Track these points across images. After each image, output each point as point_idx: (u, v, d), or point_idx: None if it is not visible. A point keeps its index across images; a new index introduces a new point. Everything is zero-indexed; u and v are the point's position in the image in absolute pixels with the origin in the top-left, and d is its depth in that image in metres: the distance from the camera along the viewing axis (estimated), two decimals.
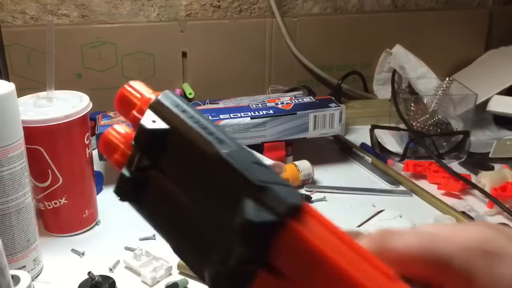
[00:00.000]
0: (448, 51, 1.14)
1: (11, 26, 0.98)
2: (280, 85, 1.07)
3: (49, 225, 0.68)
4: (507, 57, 1.06)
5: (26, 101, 0.65)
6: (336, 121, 0.84)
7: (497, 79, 0.99)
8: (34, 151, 0.62)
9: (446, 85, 0.93)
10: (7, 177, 0.54)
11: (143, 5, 1.03)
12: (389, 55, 1.05)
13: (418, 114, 0.94)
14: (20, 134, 0.56)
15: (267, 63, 1.09)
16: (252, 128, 0.80)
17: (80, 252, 0.65)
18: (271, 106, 0.84)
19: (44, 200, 0.66)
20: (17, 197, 0.56)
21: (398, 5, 1.15)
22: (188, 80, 1.07)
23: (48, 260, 0.64)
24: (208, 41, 1.05)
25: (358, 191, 0.79)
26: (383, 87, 1.11)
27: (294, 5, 1.09)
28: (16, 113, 0.55)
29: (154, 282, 0.59)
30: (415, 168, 0.82)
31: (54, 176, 0.64)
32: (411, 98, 0.96)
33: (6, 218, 0.56)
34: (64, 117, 0.62)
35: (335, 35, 1.10)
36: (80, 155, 0.66)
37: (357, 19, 1.11)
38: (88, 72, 1.02)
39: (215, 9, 1.07)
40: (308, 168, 0.80)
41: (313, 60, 1.09)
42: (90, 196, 0.69)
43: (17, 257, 0.58)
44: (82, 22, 1.02)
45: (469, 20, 1.14)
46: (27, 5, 0.99)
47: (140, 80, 0.30)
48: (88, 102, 0.66)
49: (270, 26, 1.06)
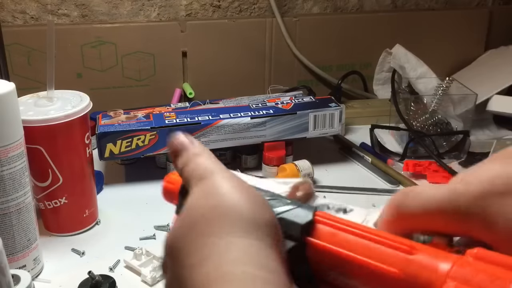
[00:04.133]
0: (448, 51, 1.14)
1: (11, 26, 0.99)
2: (280, 85, 1.07)
3: (49, 225, 0.68)
4: (507, 57, 1.06)
5: (26, 100, 0.65)
6: (336, 121, 0.84)
7: (497, 79, 0.99)
8: (34, 150, 0.62)
9: (446, 85, 0.93)
10: (7, 176, 0.54)
11: (143, 5, 1.03)
12: (389, 55, 1.05)
13: (418, 114, 0.94)
14: (20, 134, 0.56)
15: (267, 63, 1.09)
16: (252, 127, 0.80)
17: (80, 252, 0.65)
18: (271, 106, 0.84)
19: (44, 199, 0.66)
20: (17, 196, 0.56)
21: (398, 5, 1.15)
22: (188, 80, 1.07)
23: (48, 259, 0.64)
24: (208, 41, 1.05)
25: (358, 190, 0.79)
26: (383, 87, 1.11)
27: (294, 5, 1.10)
28: (16, 113, 0.55)
29: (154, 281, 0.59)
30: (415, 167, 0.82)
31: (54, 175, 0.64)
32: (411, 97, 0.96)
33: (7, 217, 0.56)
34: (64, 116, 0.62)
35: (335, 35, 1.10)
36: (80, 154, 0.66)
37: (357, 19, 1.11)
38: (88, 72, 1.02)
39: (215, 9, 1.07)
40: (308, 168, 0.80)
41: (313, 60, 1.09)
42: (90, 196, 0.69)
43: (17, 256, 0.58)
44: (82, 22, 1.02)
45: (469, 20, 1.14)
46: (27, 5, 0.99)
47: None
48: (88, 101, 0.66)
49: (270, 26, 1.07)
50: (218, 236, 0.26)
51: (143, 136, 0.78)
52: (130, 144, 0.78)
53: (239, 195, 0.28)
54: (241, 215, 0.27)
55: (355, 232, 0.27)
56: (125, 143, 0.77)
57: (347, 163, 0.88)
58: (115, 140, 0.77)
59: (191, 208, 0.29)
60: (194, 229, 0.27)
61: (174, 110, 0.85)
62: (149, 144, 0.78)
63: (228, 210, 0.27)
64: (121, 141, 0.77)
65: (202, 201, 0.29)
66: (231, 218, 0.27)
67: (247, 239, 0.26)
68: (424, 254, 0.25)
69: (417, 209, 0.27)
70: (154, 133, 0.78)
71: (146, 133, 0.78)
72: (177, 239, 0.28)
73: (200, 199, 0.29)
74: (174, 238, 0.29)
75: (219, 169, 0.31)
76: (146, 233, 0.69)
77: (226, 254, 0.26)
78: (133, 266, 0.61)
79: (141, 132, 0.78)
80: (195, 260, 0.26)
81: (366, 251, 0.26)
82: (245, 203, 0.28)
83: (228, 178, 0.30)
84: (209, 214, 0.28)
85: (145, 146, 0.78)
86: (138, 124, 0.79)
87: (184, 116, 0.81)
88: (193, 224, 0.28)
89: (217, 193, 0.29)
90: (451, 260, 0.24)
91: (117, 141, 0.77)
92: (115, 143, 0.77)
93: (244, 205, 0.28)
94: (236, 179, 0.30)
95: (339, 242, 0.27)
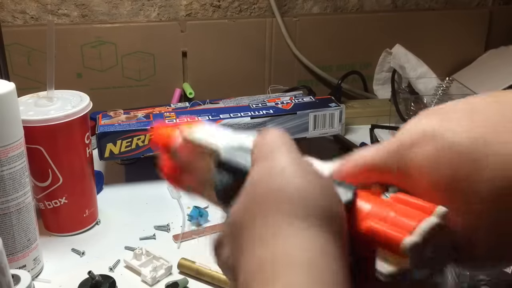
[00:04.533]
0: (448, 51, 1.14)
1: (11, 26, 0.99)
2: (280, 85, 1.07)
3: (49, 225, 0.68)
4: (507, 57, 1.06)
5: (26, 100, 0.66)
6: (336, 120, 0.84)
7: (497, 79, 0.99)
8: (34, 150, 0.62)
9: (446, 85, 0.93)
10: (7, 176, 0.54)
11: (143, 5, 1.03)
12: (389, 55, 1.05)
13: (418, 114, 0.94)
14: (20, 134, 0.56)
15: (267, 63, 1.09)
16: (252, 127, 0.80)
17: (80, 252, 0.65)
18: (271, 106, 0.84)
19: (44, 199, 0.66)
20: (17, 196, 0.56)
21: (398, 5, 1.15)
22: (188, 80, 1.07)
23: (48, 259, 0.64)
24: (208, 41, 1.05)
25: None
26: (383, 87, 1.11)
27: (294, 5, 1.09)
28: (16, 113, 0.55)
29: (154, 281, 0.59)
30: None
31: (54, 175, 0.64)
32: (411, 97, 0.96)
33: (7, 217, 0.56)
34: (64, 116, 0.62)
35: (335, 35, 1.10)
36: (80, 154, 0.66)
37: (357, 19, 1.11)
38: (88, 72, 1.02)
39: (215, 8, 1.07)
40: None
41: (313, 60, 1.09)
42: (90, 196, 0.69)
43: (17, 256, 0.58)
44: (82, 22, 1.02)
45: (469, 20, 1.14)
46: (27, 5, 0.99)
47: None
48: (88, 101, 0.66)
49: (270, 26, 1.07)
50: (286, 221, 0.26)
51: (143, 136, 0.78)
52: (130, 144, 0.78)
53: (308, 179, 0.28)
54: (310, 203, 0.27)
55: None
56: (125, 143, 0.77)
57: None
58: (115, 140, 0.77)
59: (258, 184, 0.29)
60: (261, 209, 0.27)
61: (174, 110, 0.85)
62: (149, 144, 0.78)
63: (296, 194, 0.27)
64: (121, 141, 0.77)
65: (270, 178, 0.28)
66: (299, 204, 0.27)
67: (314, 229, 0.26)
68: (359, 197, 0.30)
69: (352, 167, 0.32)
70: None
71: (146, 133, 0.78)
72: (242, 216, 0.28)
73: (268, 175, 0.29)
74: (240, 213, 0.28)
75: (289, 148, 0.31)
76: (146, 233, 0.69)
77: (293, 239, 0.25)
78: (133, 266, 0.61)
79: (141, 132, 0.78)
80: (260, 237, 0.26)
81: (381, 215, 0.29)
82: (315, 190, 0.27)
83: (298, 159, 0.30)
84: (275, 194, 0.27)
85: (145, 146, 0.78)
86: (138, 124, 0.79)
87: (184, 116, 0.81)
88: (260, 202, 0.27)
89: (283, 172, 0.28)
90: (373, 202, 0.29)
91: (117, 141, 0.77)
92: (115, 143, 0.77)
93: (313, 192, 0.27)
94: (306, 162, 0.30)
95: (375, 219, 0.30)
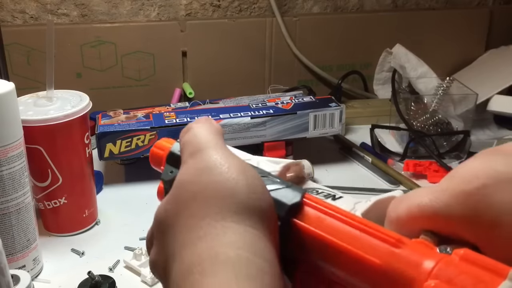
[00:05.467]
0: (448, 51, 1.14)
1: (11, 26, 0.98)
2: (280, 84, 1.07)
3: (49, 225, 0.68)
4: (507, 57, 1.06)
5: (25, 100, 0.65)
6: (336, 120, 0.83)
7: (497, 78, 0.99)
8: (34, 150, 0.62)
9: (446, 84, 0.92)
10: (6, 176, 0.54)
11: (143, 5, 1.03)
12: (389, 55, 1.05)
13: (418, 114, 0.94)
14: (19, 134, 0.56)
15: (267, 63, 1.09)
16: (252, 127, 0.80)
17: (80, 252, 0.65)
18: (271, 106, 0.84)
19: (44, 199, 0.66)
20: (17, 196, 0.56)
21: (398, 4, 1.15)
22: (188, 79, 1.07)
23: (48, 259, 0.64)
24: (208, 41, 1.05)
25: (358, 190, 0.79)
26: (383, 87, 1.11)
27: (294, 4, 1.09)
28: (16, 113, 0.55)
29: (154, 281, 0.59)
30: (416, 167, 0.82)
31: (54, 175, 0.64)
32: (411, 97, 0.96)
33: (6, 217, 0.56)
34: (64, 116, 0.62)
35: (335, 35, 1.10)
36: (80, 154, 0.65)
37: (357, 18, 1.11)
38: (88, 72, 1.02)
39: (215, 8, 1.07)
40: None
41: (313, 60, 1.09)
42: (90, 196, 0.69)
43: (17, 256, 0.58)
44: (82, 21, 1.02)
45: (469, 20, 1.14)
46: (27, 4, 0.99)
47: None
48: (88, 101, 0.66)
49: (270, 25, 1.06)
50: (213, 219, 0.25)
51: (143, 136, 0.77)
52: (130, 144, 0.77)
53: (235, 176, 0.26)
54: (237, 200, 0.26)
55: (343, 219, 0.27)
56: (124, 143, 0.77)
57: (347, 163, 0.88)
58: (115, 140, 0.77)
59: (183, 183, 0.27)
60: (187, 208, 0.26)
61: (174, 110, 0.85)
62: (149, 144, 0.78)
63: (223, 192, 0.26)
64: (120, 141, 0.77)
65: (195, 178, 0.27)
66: (226, 201, 0.26)
67: (243, 226, 0.25)
68: (410, 249, 0.24)
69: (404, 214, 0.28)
70: (154, 133, 0.78)
71: (146, 133, 0.77)
72: (168, 216, 0.27)
73: (194, 175, 0.27)
74: (165, 214, 0.28)
75: (216, 144, 0.29)
76: (145, 233, 0.68)
77: (221, 237, 0.25)
78: (132, 266, 0.61)
79: (141, 132, 0.77)
80: (187, 239, 0.26)
81: (351, 239, 0.26)
82: (243, 187, 0.26)
83: (224, 155, 0.28)
84: (203, 193, 0.26)
85: (145, 146, 0.78)
86: (138, 124, 0.79)
87: (184, 116, 0.81)
88: (186, 202, 0.27)
89: (210, 171, 0.27)
90: (436, 258, 0.24)
91: (117, 141, 0.77)
92: (114, 143, 0.77)
93: (241, 189, 0.26)
94: (233, 157, 0.28)
95: (325, 227, 0.27)
